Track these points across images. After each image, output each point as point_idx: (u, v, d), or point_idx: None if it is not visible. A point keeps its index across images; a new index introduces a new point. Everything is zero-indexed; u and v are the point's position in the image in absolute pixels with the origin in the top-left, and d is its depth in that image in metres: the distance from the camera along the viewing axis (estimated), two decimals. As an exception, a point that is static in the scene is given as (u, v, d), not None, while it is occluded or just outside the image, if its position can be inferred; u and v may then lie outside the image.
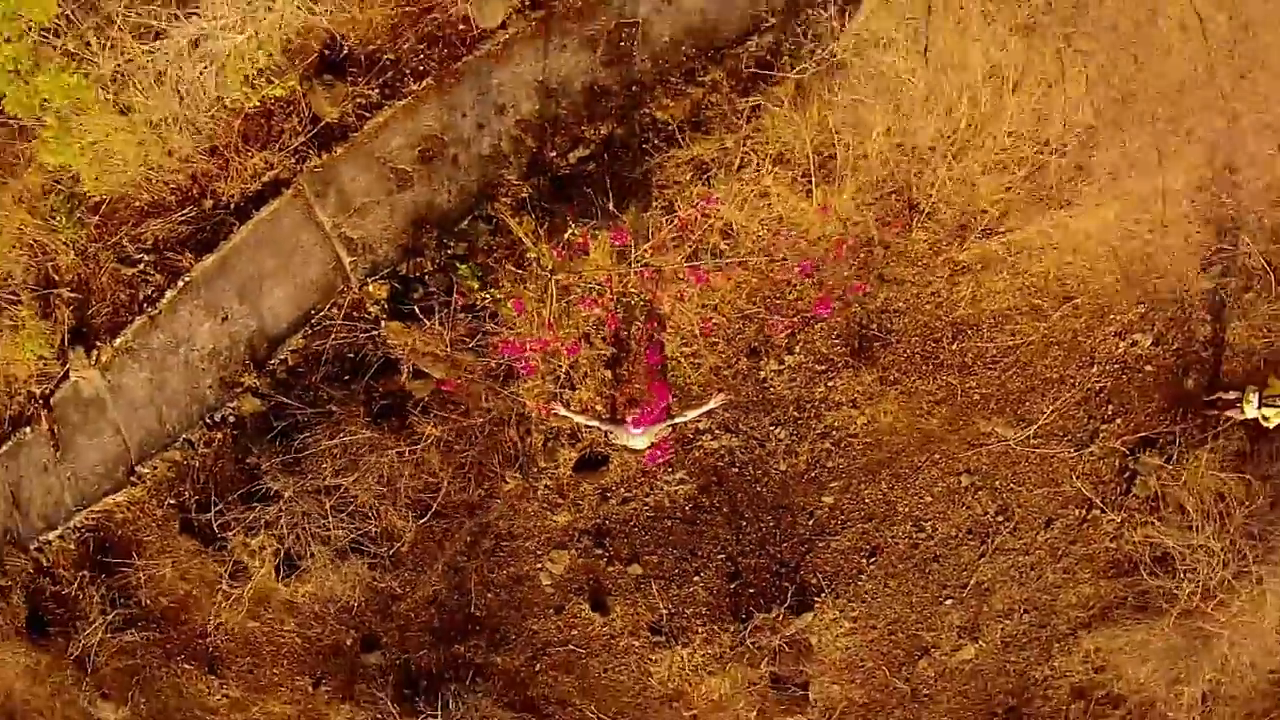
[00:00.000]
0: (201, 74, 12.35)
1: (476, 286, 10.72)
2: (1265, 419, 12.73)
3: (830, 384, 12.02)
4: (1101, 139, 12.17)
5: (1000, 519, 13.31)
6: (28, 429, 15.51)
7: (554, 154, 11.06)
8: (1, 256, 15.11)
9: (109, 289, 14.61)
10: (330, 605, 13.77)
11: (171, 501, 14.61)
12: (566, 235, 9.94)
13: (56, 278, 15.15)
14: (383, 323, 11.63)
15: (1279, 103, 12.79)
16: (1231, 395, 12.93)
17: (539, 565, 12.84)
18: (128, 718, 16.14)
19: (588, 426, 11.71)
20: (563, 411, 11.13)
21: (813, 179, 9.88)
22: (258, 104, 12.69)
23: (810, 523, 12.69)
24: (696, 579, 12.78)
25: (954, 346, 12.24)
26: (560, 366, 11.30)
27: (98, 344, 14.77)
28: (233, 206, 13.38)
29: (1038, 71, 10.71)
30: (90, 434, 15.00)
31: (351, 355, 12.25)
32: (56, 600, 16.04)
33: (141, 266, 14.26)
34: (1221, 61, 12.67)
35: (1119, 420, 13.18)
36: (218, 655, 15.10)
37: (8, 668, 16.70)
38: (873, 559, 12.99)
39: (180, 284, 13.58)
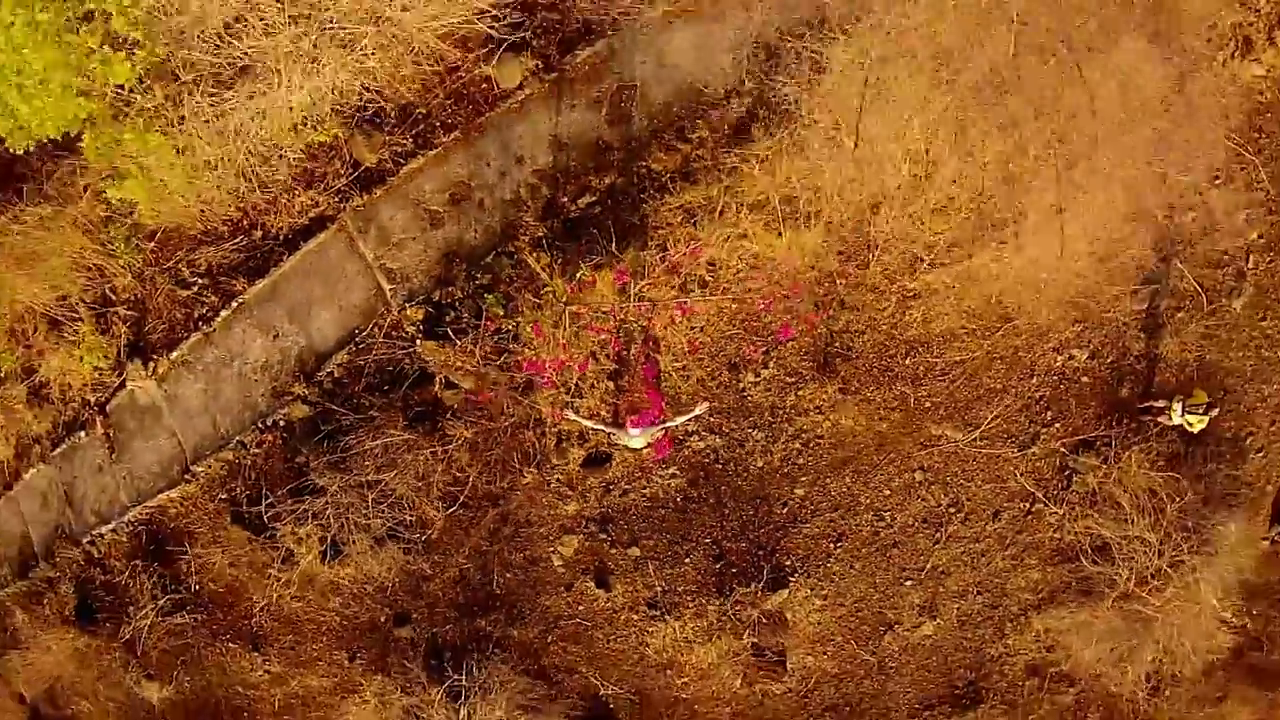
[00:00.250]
0: (254, 121, 14.17)
1: (501, 313, 12.68)
2: (1189, 425, 14.62)
3: (799, 393, 13.96)
4: (1036, 183, 14.11)
5: (952, 510, 15.21)
6: (82, 433, 17.02)
7: (565, 199, 13.01)
8: (61, 277, 16.52)
9: (165, 308, 16.25)
10: (367, 586, 15.55)
11: (223, 496, 16.26)
12: (578, 275, 11.89)
13: (114, 297, 16.71)
14: (419, 342, 13.52)
15: (1210, 145, 14.71)
16: (1160, 404, 14.83)
17: (551, 548, 14.75)
18: (171, 696, 17.76)
19: (594, 429, 13.65)
20: (573, 416, 13.11)
21: (781, 224, 11.82)
22: (304, 149, 14.51)
23: (784, 511, 14.61)
24: (686, 560, 14.68)
25: (907, 361, 14.18)
26: (571, 379, 13.26)
27: (154, 357, 16.44)
28: (281, 238, 15.19)
29: (978, 127, 12.63)
30: (146, 438, 16.59)
31: (391, 369, 14.16)
32: (106, 589, 17.55)
33: (196, 289, 15.99)
34: (1154, 114, 14.57)
35: (1058, 425, 15.05)
36: (261, 634, 16.70)
37: (56, 653, 18.14)
38: (839, 544, 14.92)
39: (234, 305, 15.33)
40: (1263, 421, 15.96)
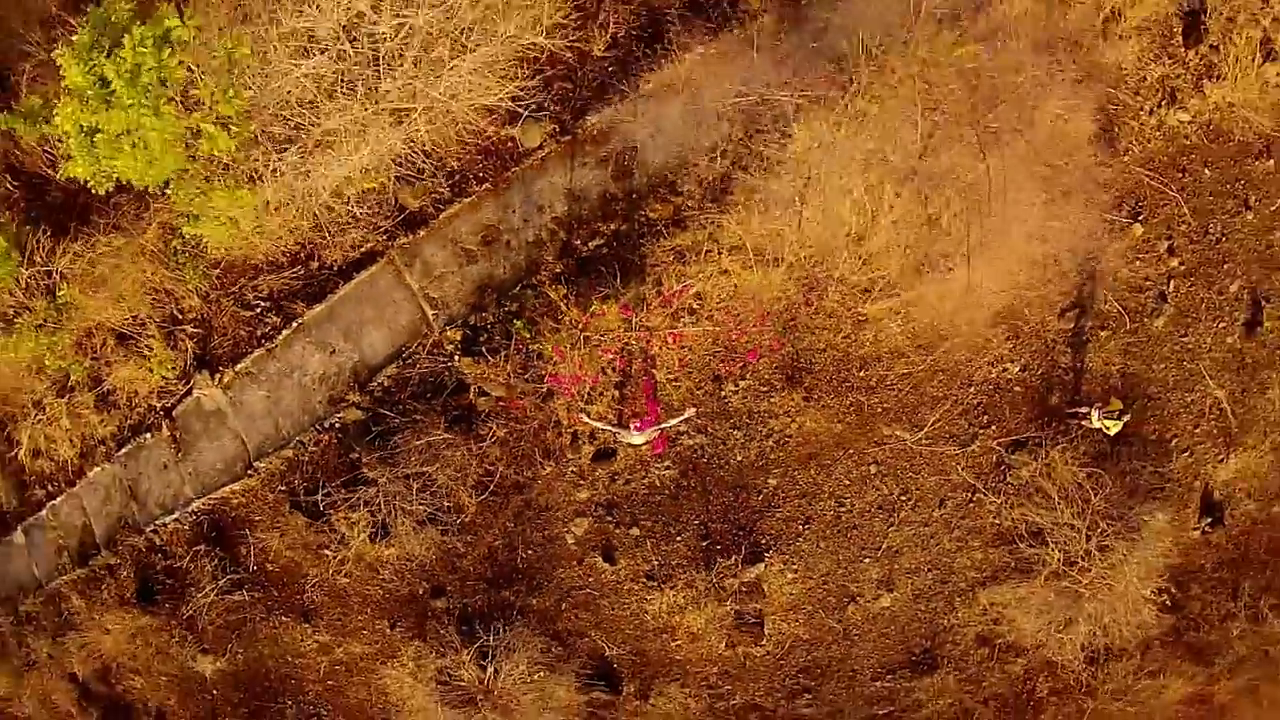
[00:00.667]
0: (320, 177, 16.87)
1: (527, 335, 15.50)
2: (1106, 428, 17.26)
3: (771, 401, 16.77)
4: (972, 221, 16.83)
5: (903, 498, 17.94)
6: (148, 435, 19.46)
7: (578, 242, 15.82)
8: (131, 298, 19.01)
9: (229, 327, 18.82)
10: (409, 563, 18.15)
11: (282, 488, 18.77)
12: (590, 307, 14.74)
13: (181, 316, 19.20)
14: (457, 358, 16.31)
15: (1135, 184, 17.40)
16: (1083, 410, 17.48)
17: (565, 529, 17.47)
18: (224, 668, 20.17)
19: (602, 429, 16.45)
20: (585, 419, 15.94)
21: (754, 264, 14.66)
22: (356, 194, 17.20)
23: (759, 498, 17.38)
24: (678, 539, 17.44)
25: (860, 374, 16.99)
26: (584, 389, 16.09)
27: (220, 369, 18.95)
28: (336, 269, 17.86)
29: (914, 184, 15.44)
30: (211, 439, 19.10)
31: (432, 380, 16.92)
32: (167, 572, 19.96)
33: (259, 310, 18.59)
34: (1085, 158, 17.12)
35: (994, 426, 17.77)
36: (312, 608, 19.19)
37: (114, 634, 20.53)
38: (806, 525, 17.69)
39: (294, 325, 17.93)
40: (1186, 425, 18.65)
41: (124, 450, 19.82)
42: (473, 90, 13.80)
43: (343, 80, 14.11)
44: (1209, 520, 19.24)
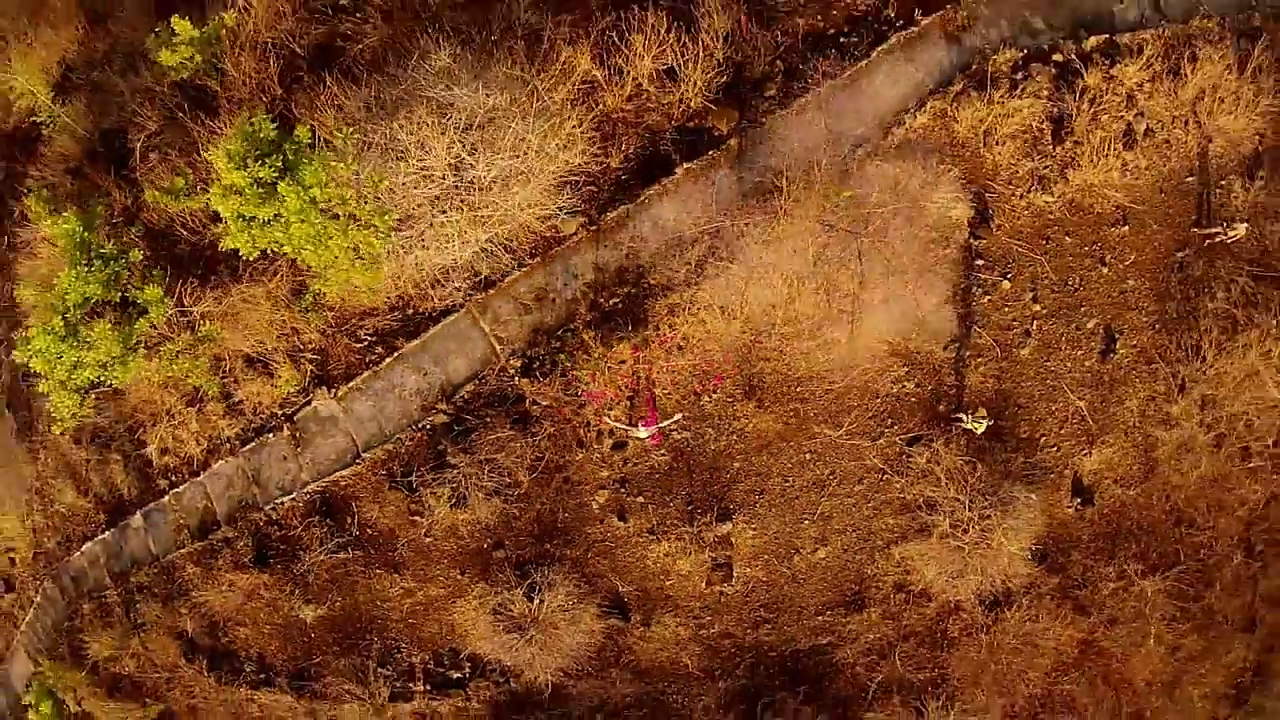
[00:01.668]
0: (422, 256, 23.56)
1: (568, 364, 22.41)
2: (975, 429, 23.52)
3: (734, 408, 23.44)
4: (866, 287, 23.29)
5: (831, 477, 24.28)
6: (269, 435, 25.29)
7: (602, 300, 22.71)
8: (260, 331, 24.98)
9: (343, 355, 24.93)
10: (478, 525, 24.32)
11: (383, 472, 24.77)
12: (611, 347, 21.74)
13: (302, 346, 25.32)
14: (517, 379, 23.16)
15: (1005, 250, 23.88)
16: (960, 416, 23.79)
17: (591, 498, 23.99)
18: (324, 614, 25.49)
19: (619, 428, 23.24)
20: (607, 421, 22.90)
21: (722, 316, 21.72)
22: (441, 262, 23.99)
23: (727, 476, 23.91)
24: (670, 504, 23.94)
25: (797, 389, 23.64)
26: (607, 401, 22.98)
27: (335, 386, 25.41)
28: (426, 314, 24.50)
29: (824, 274, 22.35)
30: (326, 437, 25.17)
31: (499, 394, 23.54)
32: (282, 540, 25.44)
33: (367, 343, 25.20)
34: (961, 232, 23.37)
35: (896, 426, 24.09)
36: (401, 562, 25.00)
37: (234, 591, 25.80)
38: (761, 496, 24.15)
39: (395, 354, 24.57)
40: (1053, 427, 24.59)
41: (248, 447, 25.44)
42: (533, 206, 20.76)
43: (448, 198, 21.03)
44: (1079, 500, 24.85)
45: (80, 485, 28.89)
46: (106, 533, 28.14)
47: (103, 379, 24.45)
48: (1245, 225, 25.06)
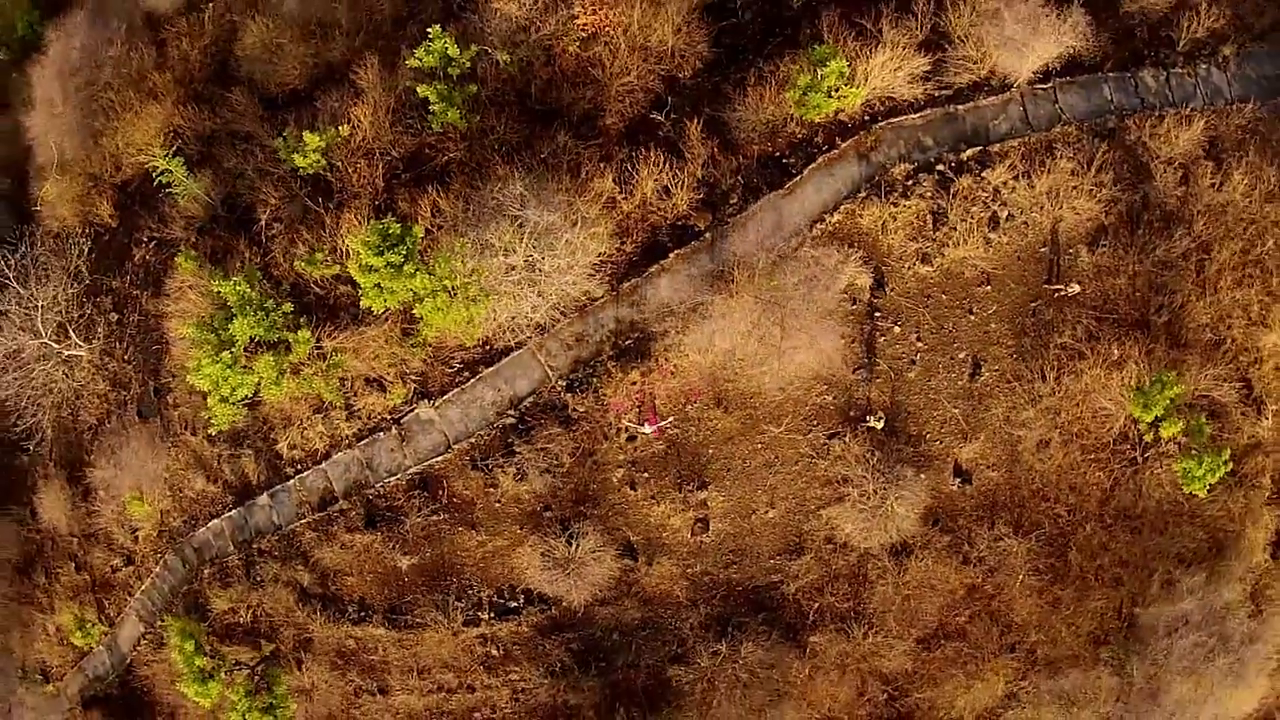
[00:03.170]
0: (500, 313, 34.60)
1: (599, 385, 33.62)
2: (876, 427, 34.41)
3: (708, 414, 34.51)
4: (786, 339, 34.53)
5: (775, 460, 35.05)
6: (380, 433, 35.87)
7: (621, 341, 33.90)
8: (374, 360, 35.62)
9: (439, 378, 35.68)
10: (533, 494, 34.96)
11: (466, 458, 35.40)
12: (627, 374, 33.04)
13: (408, 370, 36.22)
14: (563, 394, 34.42)
15: (894, 307, 35.52)
16: (867, 418, 34.94)
17: (612, 474, 34.84)
18: (415, 563, 35.63)
19: (631, 427, 34.44)
20: (625, 422, 34.19)
21: (699, 356, 33.11)
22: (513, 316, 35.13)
23: (705, 459, 34.75)
24: (665, 478, 34.83)
25: (750, 401, 34.52)
26: (623, 409, 34.24)
27: (434, 398, 36.50)
28: (499, 349, 35.39)
29: (760, 331, 33.65)
30: (425, 434, 35.83)
31: (551, 404, 34.64)
32: (388, 509, 35.79)
33: (457, 369, 36.32)
34: (865, 299, 34.95)
35: (820, 425, 34.94)
36: (476, 521, 35.47)
37: (347, 549, 35.82)
38: (728, 472, 34.83)
39: (477, 377, 35.64)
40: (935, 426, 34.77)
41: (363, 442, 35.73)
42: (575, 282, 31.94)
43: (521, 278, 32.18)
44: (960, 480, 35.06)
45: (211, 475, 36.81)
46: (233, 510, 35.73)
47: (259, 396, 33.90)
48: (1078, 286, 34.40)
